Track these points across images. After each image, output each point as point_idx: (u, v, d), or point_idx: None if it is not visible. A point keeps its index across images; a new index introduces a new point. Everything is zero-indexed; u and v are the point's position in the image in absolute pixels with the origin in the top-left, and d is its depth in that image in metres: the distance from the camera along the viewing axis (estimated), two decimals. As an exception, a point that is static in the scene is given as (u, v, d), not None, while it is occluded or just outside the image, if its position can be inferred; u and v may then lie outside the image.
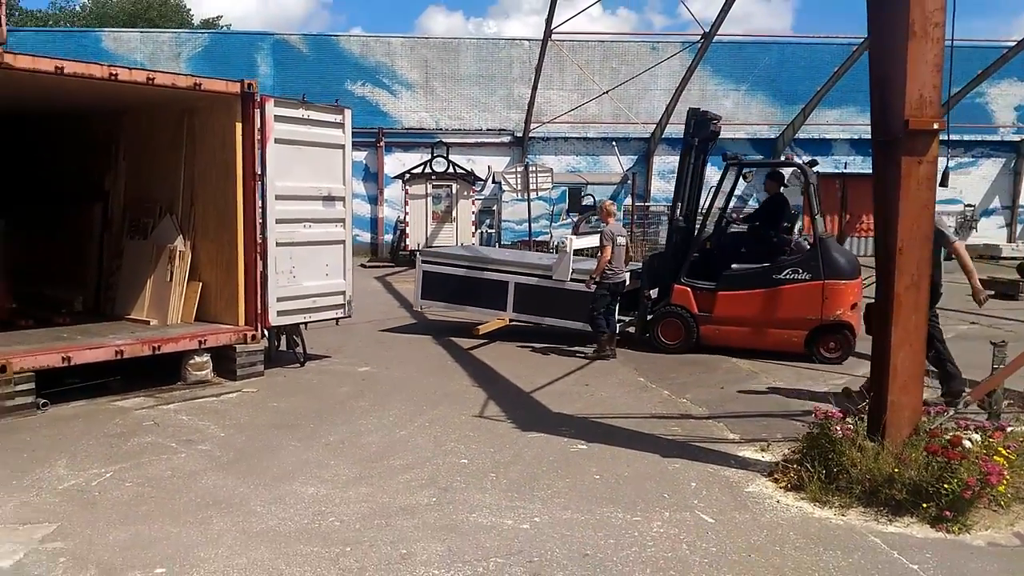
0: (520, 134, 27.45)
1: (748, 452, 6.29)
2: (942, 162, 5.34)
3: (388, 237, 26.64)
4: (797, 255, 10.02)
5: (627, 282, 10.52)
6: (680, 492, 5.43)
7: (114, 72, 7.40)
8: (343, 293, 9.46)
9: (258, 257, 8.63)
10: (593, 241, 11.23)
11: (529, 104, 26.09)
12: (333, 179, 9.19)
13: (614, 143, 28.39)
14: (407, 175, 23.57)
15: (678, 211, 10.69)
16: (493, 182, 25.50)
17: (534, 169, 21.87)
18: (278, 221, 8.63)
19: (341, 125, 9.24)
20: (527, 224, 23.60)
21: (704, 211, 10.69)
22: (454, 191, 23.43)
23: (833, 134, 28.36)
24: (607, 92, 25.73)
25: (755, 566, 4.34)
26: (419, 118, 27.89)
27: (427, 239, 22.65)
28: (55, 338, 8.29)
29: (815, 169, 10.50)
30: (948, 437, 4.91)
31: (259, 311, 8.74)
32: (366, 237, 27.15)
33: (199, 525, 4.82)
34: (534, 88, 25.22)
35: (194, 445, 6.43)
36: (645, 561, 4.38)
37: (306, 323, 9.39)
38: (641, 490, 5.46)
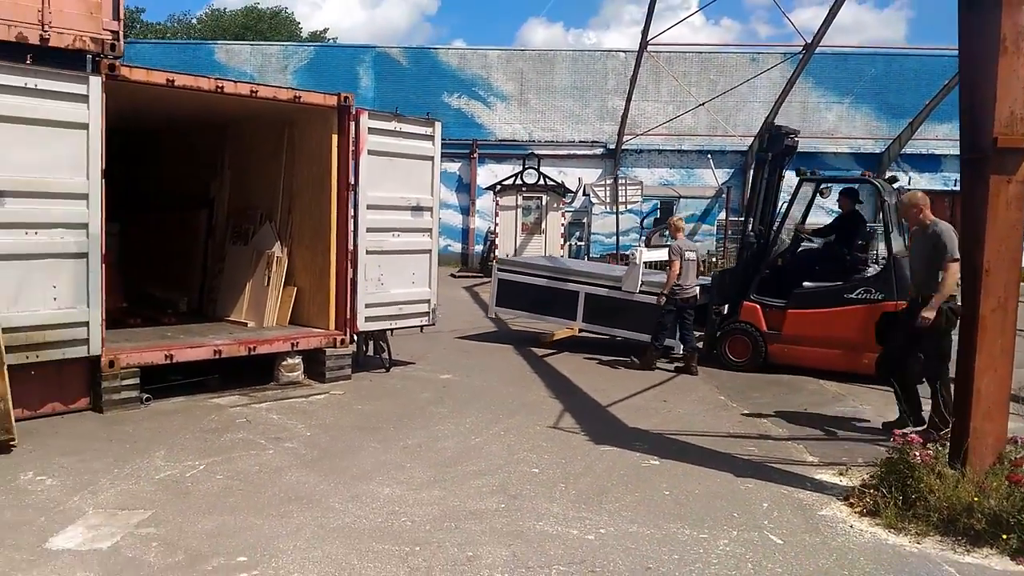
0: (613, 146, 27.44)
1: (825, 475, 6.17)
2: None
3: (479, 247, 27.05)
4: (870, 274, 9.81)
5: (697, 298, 10.46)
6: (750, 512, 5.39)
7: (220, 85, 7.89)
8: (428, 301, 9.73)
9: (349, 264, 8.98)
10: (664, 254, 11.21)
11: (623, 116, 26.06)
12: (422, 190, 9.49)
13: (709, 156, 28.04)
14: (498, 186, 23.89)
15: (750, 226, 10.63)
16: (583, 194, 25.56)
17: (623, 182, 21.85)
18: (368, 230, 8.96)
19: (431, 137, 9.52)
20: (615, 237, 23.57)
21: (776, 227, 10.58)
22: (544, 203, 23.61)
23: (943, 150, 27.14)
24: (703, 104, 25.47)
25: (820, 590, 4.29)
26: (512, 130, 28.24)
27: (516, 250, 22.90)
28: (160, 337, 8.82)
29: (896, 186, 10.23)
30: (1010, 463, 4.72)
31: (348, 317, 9.09)
32: (457, 247, 27.67)
33: (280, 518, 5.08)
34: (628, 100, 25.18)
35: (281, 443, 6.75)
36: (707, 578, 4.39)
37: (392, 330, 9.69)
38: (710, 508, 5.44)
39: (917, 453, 5.21)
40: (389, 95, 27.63)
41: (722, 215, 27.49)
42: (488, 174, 26.91)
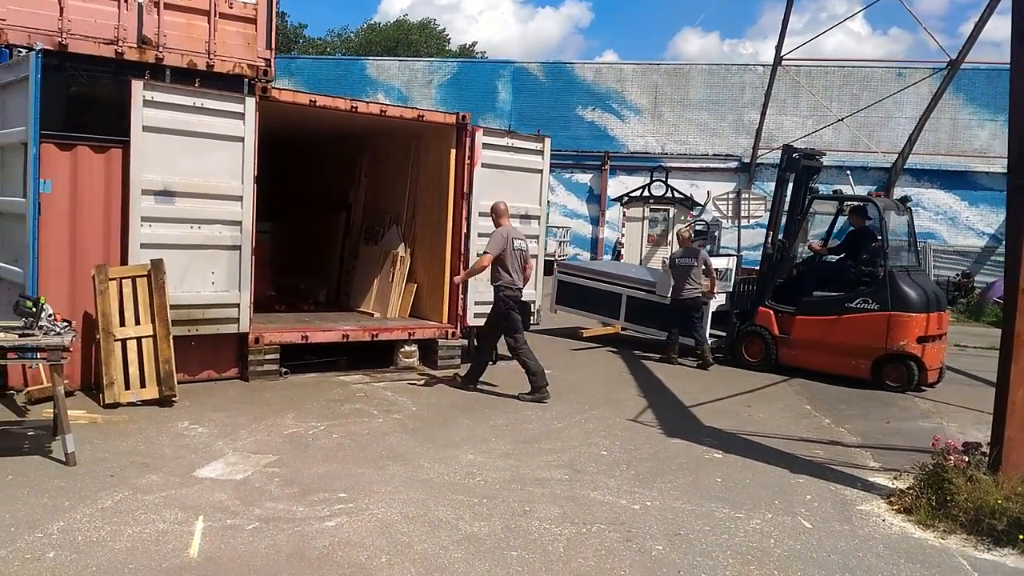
0: (748, 160, 27.40)
1: (880, 479, 6.52)
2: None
3: (607, 257, 27.72)
4: (870, 285, 10.41)
5: (698, 300, 11.56)
6: (791, 501, 5.89)
7: (355, 105, 9.10)
8: (532, 303, 10.58)
9: (462, 265, 9.99)
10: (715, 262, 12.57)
11: (757, 130, 26.02)
12: (531, 200, 10.38)
13: (848, 172, 27.42)
14: (625, 197, 24.50)
15: (769, 239, 11.37)
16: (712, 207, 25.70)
17: (747, 196, 21.89)
18: (479, 235, 9.92)
19: (540, 152, 10.40)
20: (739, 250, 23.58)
21: (792, 240, 11.29)
22: (671, 215, 24.03)
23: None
24: (843, 119, 25.05)
25: (829, 564, 4.80)
26: (645, 142, 28.76)
27: (641, 260, 23.44)
28: (299, 321, 10.13)
29: (909, 204, 11.10)
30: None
31: (460, 312, 10.09)
32: (586, 256, 28.43)
33: (378, 470, 6.08)
34: (763, 114, 25.14)
35: (390, 414, 7.80)
36: (729, 546, 4.99)
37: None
38: (754, 495, 5.98)
39: (952, 458, 5.56)
40: (526, 108, 28.90)
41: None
42: (619, 186, 27.54)
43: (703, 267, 11.52)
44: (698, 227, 20.00)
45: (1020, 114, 5.41)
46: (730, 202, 20.88)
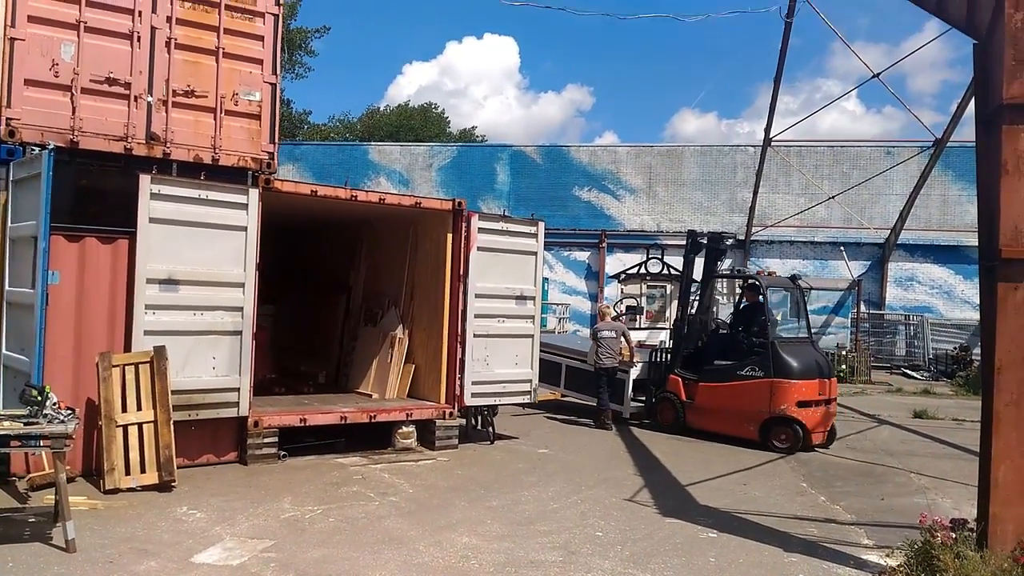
0: (743, 237, 27.83)
1: (873, 556, 6.57)
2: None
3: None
4: (757, 355, 11.38)
5: (613, 367, 12.72)
6: (784, 580, 5.94)
7: (354, 194, 9.46)
8: (530, 381, 10.75)
9: (459, 346, 10.17)
10: (639, 335, 14.67)
11: (750, 209, 26.55)
12: (525, 281, 10.65)
13: (842, 248, 27.87)
14: (623, 275, 24.78)
15: (678, 314, 12.75)
16: (709, 284, 25.95)
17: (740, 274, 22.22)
18: (476, 316, 10.15)
19: (535, 235, 10.71)
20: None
21: (696, 315, 12.51)
22: (668, 291, 24.25)
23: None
24: (833, 197, 25.59)
25: (819, 645, 4.84)
26: (641, 221, 29.27)
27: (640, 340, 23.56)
28: (298, 404, 10.26)
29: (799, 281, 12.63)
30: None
31: (457, 392, 10.23)
32: (585, 332, 28.56)
33: (374, 554, 6.13)
34: (755, 193, 25.72)
35: (387, 497, 7.86)
36: (720, 627, 5.03)
37: (496, 406, 10.74)
38: (747, 575, 6.02)
39: (939, 535, 5.63)
40: (524, 189, 29.54)
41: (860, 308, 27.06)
42: (617, 263, 27.85)
43: (622, 339, 12.83)
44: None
45: (987, 199, 5.68)
46: (724, 280, 21.20)
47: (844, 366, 22.11)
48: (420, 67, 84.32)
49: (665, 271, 24.79)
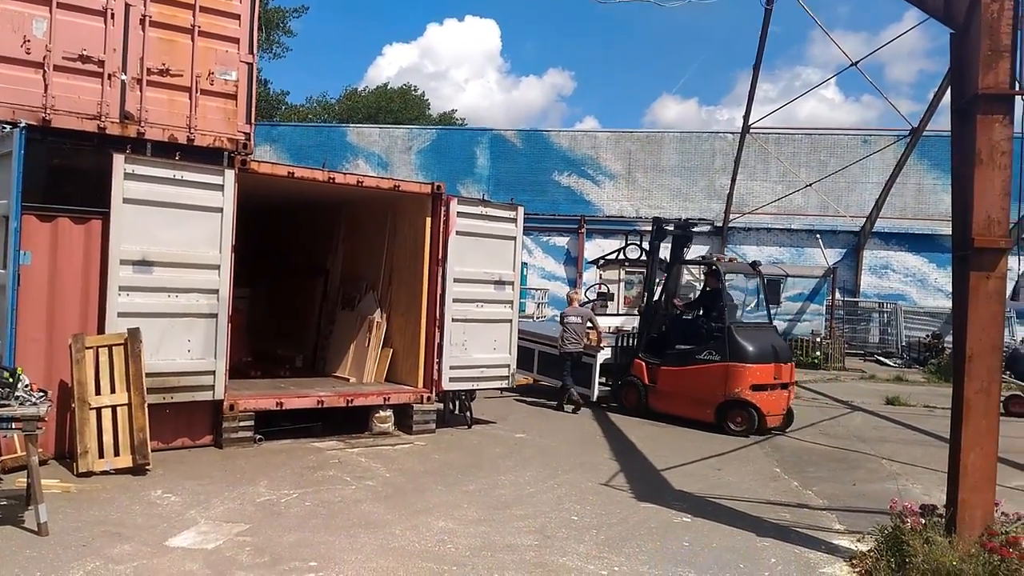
0: (720, 224, 27.97)
1: (844, 541, 6.66)
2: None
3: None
4: (715, 339, 11.59)
5: (577, 352, 12.89)
6: (756, 564, 6.00)
7: (332, 176, 9.37)
8: (508, 367, 10.75)
9: (437, 330, 10.15)
10: (609, 321, 15.12)
11: (728, 196, 26.68)
12: (504, 266, 10.63)
13: (818, 236, 28.08)
14: (601, 260, 24.84)
15: (643, 300, 13.04)
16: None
17: (717, 259, 22.36)
18: (455, 300, 10.12)
19: (514, 220, 10.69)
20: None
21: (660, 300, 12.74)
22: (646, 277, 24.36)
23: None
24: (811, 184, 25.75)
25: (790, 628, 4.91)
26: (620, 207, 29.32)
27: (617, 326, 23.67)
28: (275, 388, 10.19)
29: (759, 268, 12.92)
30: (1005, 536, 5.17)
31: (435, 377, 10.21)
32: (564, 317, 28.65)
33: (350, 538, 6.13)
34: (733, 181, 25.83)
35: (363, 481, 7.85)
36: (693, 611, 5.09)
37: (474, 391, 10.74)
38: (720, 559, 6.09)
39: (909, 520, 5.72)
40: (504, 174, 29.45)
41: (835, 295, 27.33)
42: (596, 248, 27.92)
43: (588, 324, 12.98)
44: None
45: (961, 188, 5.73)
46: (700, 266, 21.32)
47: (818, 353, 22.34)
48: (401, 48, 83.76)
49: (644, 257, 25.01)
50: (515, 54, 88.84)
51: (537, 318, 27.77)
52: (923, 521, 5.70)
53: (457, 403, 11.00)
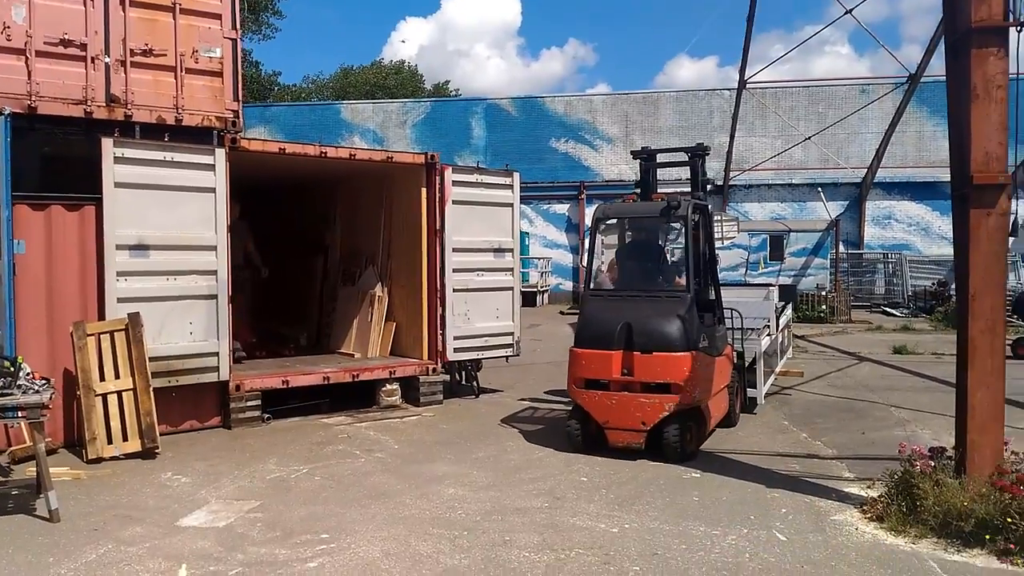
0: (721, 182, 27.79)
1: (855, 488, 6.65)
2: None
3: (588, 284, 27.87)
4: None
5: None
6: (767, 515, 6.00)
7: (324, 151, 9.29)
8: (512, 334, 10.72)
9: (438, 302, 10.12)
10: None
11: (727, 153, 26.46)
12: (503, 233, 10.56)
13: (820, 189, 27.90)
14: (602, 225, 24.72)
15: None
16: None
17: (719, 218, 22.19)
18: (455, 270, 10.08)
19: (510, 186, 10.60)
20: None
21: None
22: (648, 240, 24.24)
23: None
24: (810, 138, 25.53)
25: (802, 575, 4.91)
26: (619, 170, 29.13)
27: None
28: (280, 366, 10.20)
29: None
30: (1016, 475, 5.15)
31: (439, 348, 10.20)
32: (568, 286, 28.63)
33: (360, 509, 6.15)
34: (731, 137, 25.60)
35: (372, 453, 7.87)
36: (705, 563, 5.09)
37: (479, 360, 10.73)
38: (731, 512, 6.09)
39: (918, 463, 5.70)
40: (500, 143, 29.26)
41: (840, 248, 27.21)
42: (596, 214, 27.82)
43: None
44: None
45: (958, 125, 5.64)
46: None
47: (824, 307, 22.30)
48: (416, 23, 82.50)
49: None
50: (533, 27, 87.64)
51: (541, 287, 27.76)
52: (932, 464, 5.69)
53: (463, 373, 11.00)
